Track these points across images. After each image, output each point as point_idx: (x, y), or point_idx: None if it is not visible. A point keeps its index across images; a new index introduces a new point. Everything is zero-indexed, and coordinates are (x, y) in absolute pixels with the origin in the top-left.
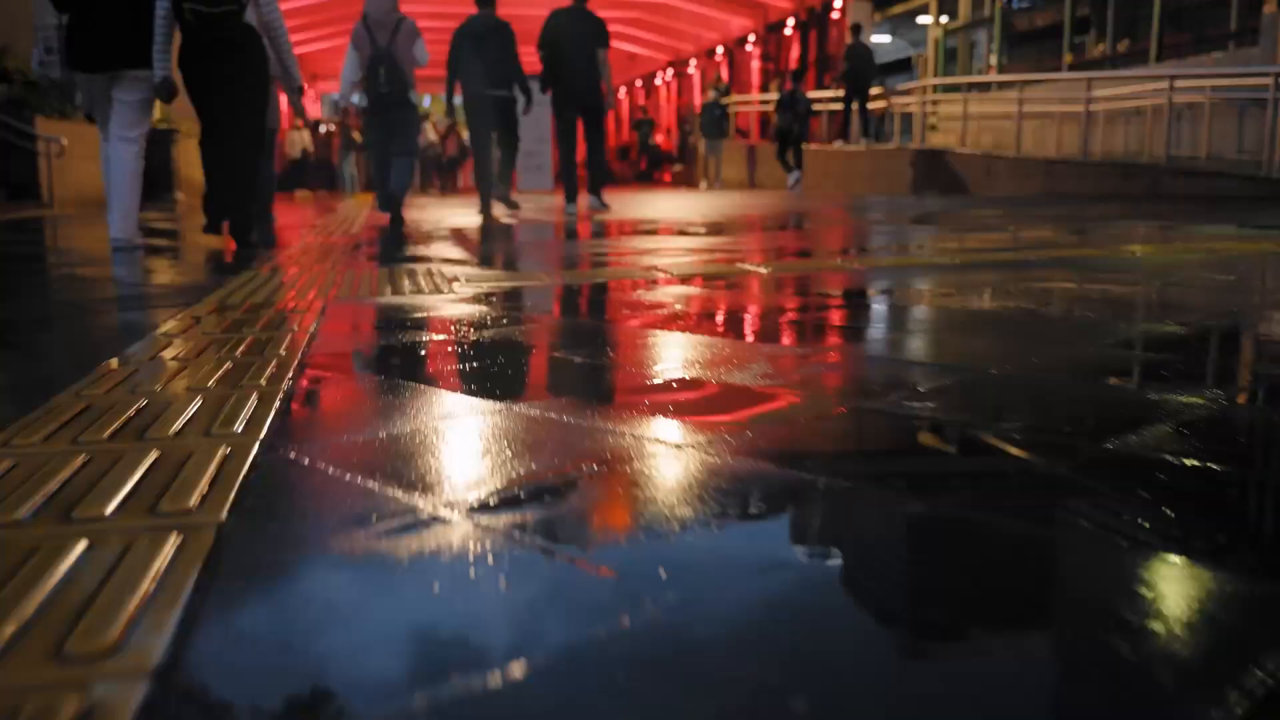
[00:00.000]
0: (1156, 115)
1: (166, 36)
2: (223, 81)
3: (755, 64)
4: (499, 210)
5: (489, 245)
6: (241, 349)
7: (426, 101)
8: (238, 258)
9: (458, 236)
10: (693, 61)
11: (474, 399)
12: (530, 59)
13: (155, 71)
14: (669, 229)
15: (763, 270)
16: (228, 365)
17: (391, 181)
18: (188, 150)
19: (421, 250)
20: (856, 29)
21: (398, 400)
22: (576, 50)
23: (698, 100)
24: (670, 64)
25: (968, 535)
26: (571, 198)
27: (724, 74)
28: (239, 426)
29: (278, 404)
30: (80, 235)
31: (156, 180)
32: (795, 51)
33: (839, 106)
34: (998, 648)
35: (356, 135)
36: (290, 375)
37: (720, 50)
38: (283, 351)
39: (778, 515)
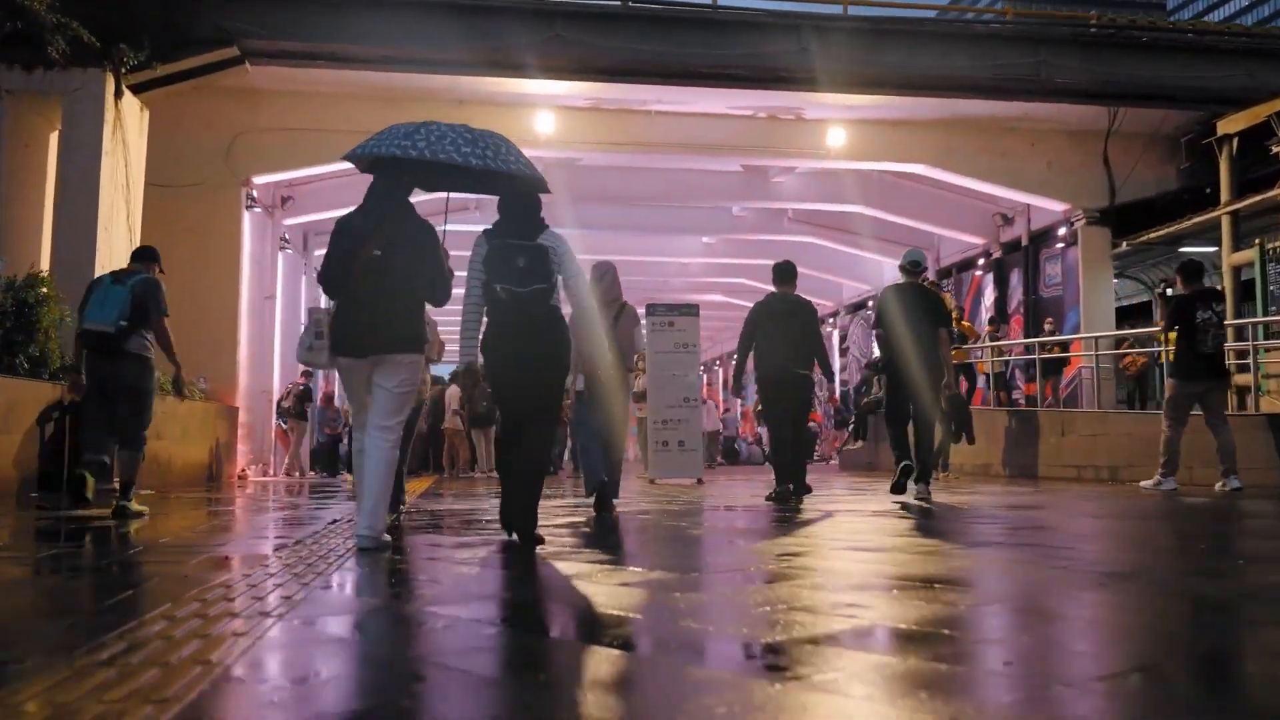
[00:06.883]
0: None
1: (475, 321)
2: (529, 364)
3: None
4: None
5: None
6: None
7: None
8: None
9: None
10: (840, 312)
11: None
12: None
13: (461, 358)
14: None
15: None
16: None
17: (604, 464)
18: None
19: None
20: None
21: None
22: (916, 328)
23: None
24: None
25: None
26: (902, 487)
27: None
28: None
29: None
30: None
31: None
32: (990, 296)
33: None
34: None
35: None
36: None
37: (871, 304)
38: None
39: None
